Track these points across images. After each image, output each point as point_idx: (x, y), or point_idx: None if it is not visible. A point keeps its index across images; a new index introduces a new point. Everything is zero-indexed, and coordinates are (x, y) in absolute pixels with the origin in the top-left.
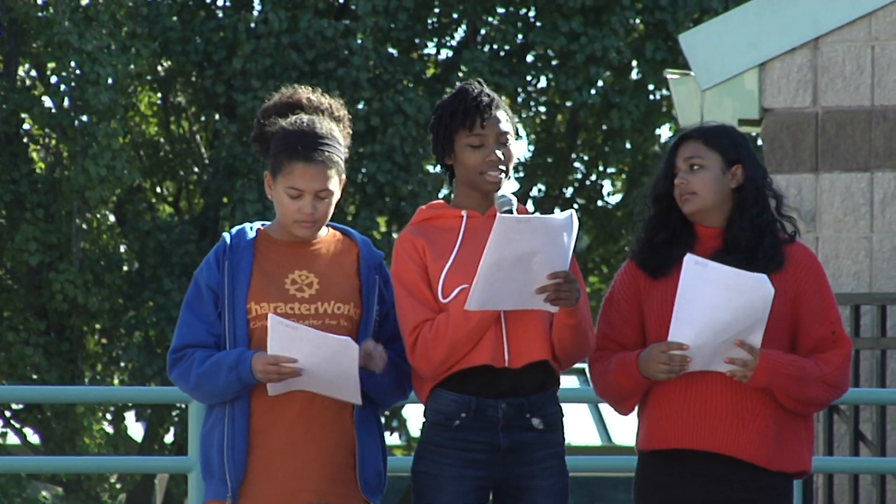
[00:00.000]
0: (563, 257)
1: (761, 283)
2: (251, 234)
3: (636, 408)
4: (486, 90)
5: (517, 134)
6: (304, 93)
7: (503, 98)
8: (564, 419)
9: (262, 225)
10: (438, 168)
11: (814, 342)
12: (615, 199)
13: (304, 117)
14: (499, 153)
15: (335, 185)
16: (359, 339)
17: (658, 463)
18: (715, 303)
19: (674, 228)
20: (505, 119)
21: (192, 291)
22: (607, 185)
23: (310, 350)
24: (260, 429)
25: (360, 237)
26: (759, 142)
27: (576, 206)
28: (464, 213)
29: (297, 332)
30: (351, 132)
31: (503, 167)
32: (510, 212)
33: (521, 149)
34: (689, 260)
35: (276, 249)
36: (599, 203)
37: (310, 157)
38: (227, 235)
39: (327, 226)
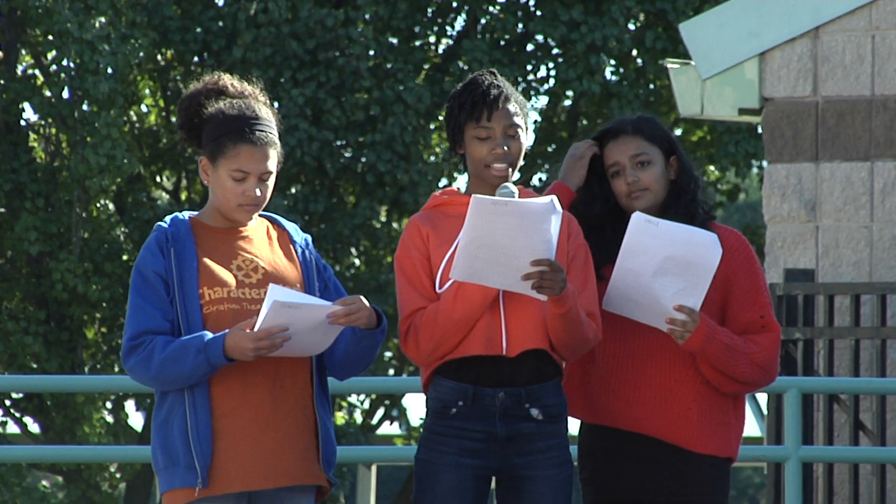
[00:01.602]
0: (546, 244)
1: (712, 242)
2: (186, 221)
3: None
4: (497, 82)
5: (526, 126)
6: (228, 79)
7: None
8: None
9: (190, 214)
10: (441, 157)
11: (742, 326)
12: None
13: (240, 101)
14: (505, 146)
15: (274, 166)
16: None
17: (596, 437)
18: (661, 258)
19: (612, 228)
20: (514, 111)
21: (137, 280)
22: None
23: (304, 323)
24: (223, 413)
25: (287, 221)
26: (760, 131)
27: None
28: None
29: (299, 310)
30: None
31: (510, 160)
32: None
33: (531, 139)
34: (640, 217)
35: (213, 236)
36: None
37: (255, 139)
38: (163, 224)
39: None
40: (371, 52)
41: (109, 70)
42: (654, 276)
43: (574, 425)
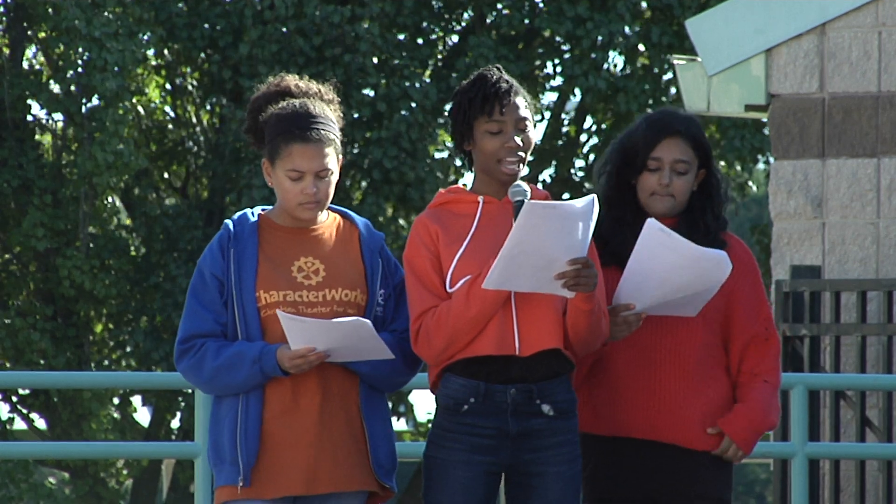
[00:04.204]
0: (582, 243)
1: (722, 261)
2: (253, 220)
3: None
4: (506, 76)
5: (536, 120)
6: (292, 80)
7: None
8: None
9: (263, 210)
10: (446, 154)
11: (747, 338)
12: None
13: (295, 101)
14: (517, 140)
15: (334, 163)
16: None
17: (602, 444)
18: (669, 271)
19: (625, 215)
20: (524, 105)
21: (196, 280)
22: None
23: (326, 336)
24: (273, 416)
25: (361, 220)
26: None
27: (584, 189)
28: (480, 198)
29: (305, 324)
30: (342, 115)
31: (521, 154)
32: (522, 203)
33: (538, 134)
34: (653, 225)
35: (279, 236)
36: None
37: (306, 136)
38: (229, 223)
39: (328, 208)
40: (377, 49)
41: (116, 67)
42: (660, 284)
43: None
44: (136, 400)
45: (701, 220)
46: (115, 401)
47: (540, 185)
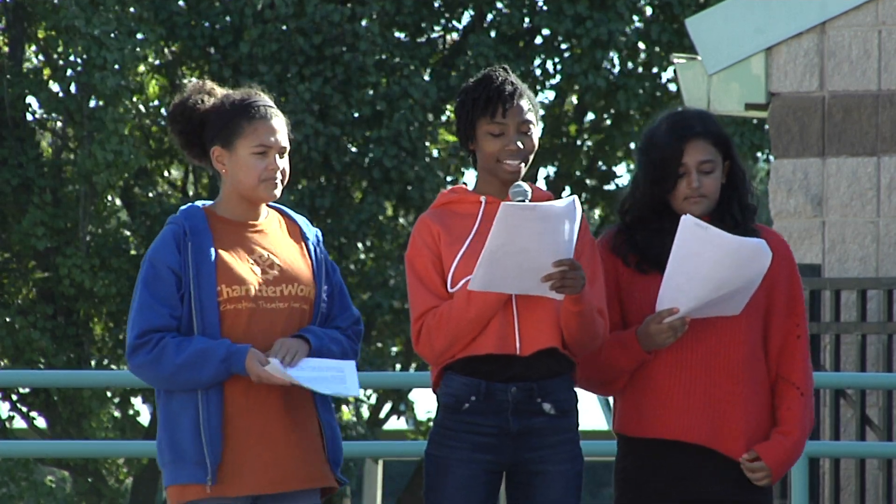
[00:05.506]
0: (567, 244)
1: (761, 249)
2: (202, 213)
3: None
4: (511, 78)
5: (537, 122)
6: (212, 84)
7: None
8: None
9: (203, 204)
10: (448, 152)
11: (782, 338)
12: (626, 181)
13: (238, 90)
14: (519, 143)
15: (287, 142)
16: (312, 320)
17: (643, 451)
18: (710, 267)
19: (663, 224)
20: (527, 108)
21: (148, 273)
22: (620, 168)
23: (309, 370)
24: (234, 413)
25: (298, 216)
26: (766, 126)
27: (586, 184)
28: (482, 199)
29: (296, 364)
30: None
31: (522, 156)
32: (523, 201)
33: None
34: (689, 221)
35: (229, 230)
36: (612, 186)
37: (269, 113)
38: (180, 216)
39: (266, 204)
40: (377, 48)
41: (116, 66)
42: (702, 283)
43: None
44: (137, 401)
45: (728, 214)
46: (115, 399)
47: (543, 183)
